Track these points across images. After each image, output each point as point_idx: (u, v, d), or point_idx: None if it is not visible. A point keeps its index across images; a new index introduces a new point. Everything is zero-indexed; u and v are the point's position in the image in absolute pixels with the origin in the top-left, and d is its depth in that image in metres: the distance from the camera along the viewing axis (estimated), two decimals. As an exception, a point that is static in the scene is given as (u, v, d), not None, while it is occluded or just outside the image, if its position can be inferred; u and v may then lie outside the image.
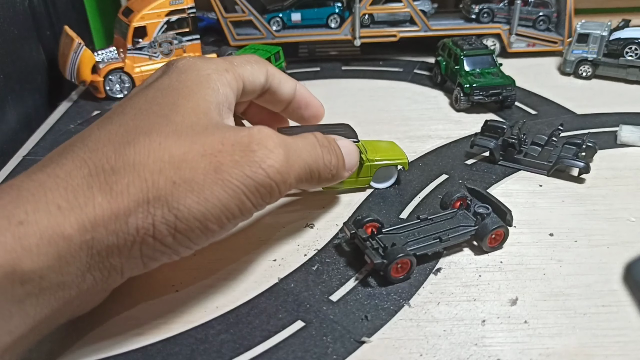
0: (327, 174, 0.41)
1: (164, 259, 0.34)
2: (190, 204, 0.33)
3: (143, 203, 0.32)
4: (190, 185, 0.33)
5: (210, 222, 0.34)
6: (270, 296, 0.39)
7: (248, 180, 0.34)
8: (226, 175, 0.34)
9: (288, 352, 0.35)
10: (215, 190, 0.33)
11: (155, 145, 0.33)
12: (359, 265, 0.42)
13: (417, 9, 0.82)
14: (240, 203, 0.35)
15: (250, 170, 0.34)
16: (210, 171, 0.33)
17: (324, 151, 0.41)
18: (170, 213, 0.32)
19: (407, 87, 0.76)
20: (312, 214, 0.48)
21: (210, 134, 0.35)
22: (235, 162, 0.34)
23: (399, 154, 0.52)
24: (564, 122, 0.58)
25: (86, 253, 0.31)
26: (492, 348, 0.34)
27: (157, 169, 0.33)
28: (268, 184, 0.35)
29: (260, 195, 0.35)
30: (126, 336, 0.36)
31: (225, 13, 0.82)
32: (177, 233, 0.33)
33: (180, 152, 0.33)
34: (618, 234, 0.44)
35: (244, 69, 0.43)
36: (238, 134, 0.35)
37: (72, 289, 0.31)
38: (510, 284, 0.39)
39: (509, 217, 0.44)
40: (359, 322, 0.36)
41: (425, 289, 0.39)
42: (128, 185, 0.32)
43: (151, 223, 0.32)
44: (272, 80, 0.46)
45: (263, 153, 0.35)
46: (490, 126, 0.57)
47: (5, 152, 0.61)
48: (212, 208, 0.33)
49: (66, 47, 0.72)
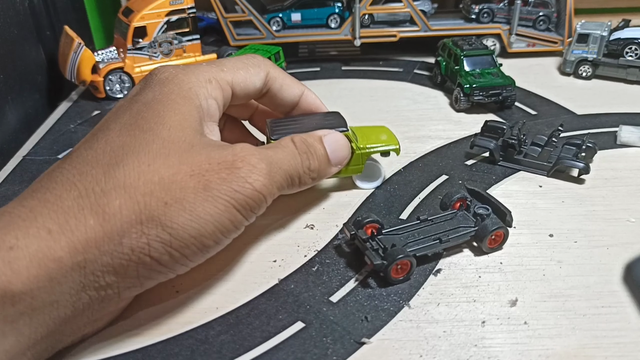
0: (307, 179, 0.43)
1: (161, 277, 0.35)
2: (184, 222, 0.34)
3: (136, 224, 0.32)
4: (182, 205, 0.34)
5: (205, 238, 0.35)
6: (271, 297, 0.39)
7: (237, 195, 0.36)
8: (215, 192, 0.35)
9: (288, 353, 0.35)
10: (207, 207, 0.34)
11: (145, 167, 0.34)
12: (359, 266, 0.42)
13: (417, 9, 0.82)
14: (232, 217, 0.36)
15: (237, 185, 0.36)
16: (200, 190, 0.35)
17: (302, 158, 0.42)
18: (165, 232, 0.33)
19: (407, 87, 0.76)
20: (312, 215, 0.48)
21: (197, 154, 0.36)
22: (223, 179, 0.35)
23: (390, 139, 0.51)
24: (564, 123, 0.58)
25: (79, 273, 0.31)
26: (492, 349, 0.34)
27: (147, 191, 0.33)
28: (256, 196, 0.37)
29: (249, 207, 0.37)
30: (126, 337, 0.36)
31: (225, 13, 0.82)
32: (174, 251, 0.34)
33: (169, 174, 0.34)
34: (618, 235, 0.44)
35: (235, 74, 0.43)
36: (222, 152, 0.37)
37: (67, 307, 0.32)
38: (510, 285, 0.39)
39: (508, 218, 0.44)
40: (359, 323, 0.37)
41: (425, 290, 0.39)
42: (120, 207, 0.32)
43: (146, 243, 0.33)
44: (272, 84, 0.46)
45: (247, 169, 0.37)
46: (490, 127, 0.57)
47: (5, 152, 0.61)
48: (206, 224, 0.34)
49: (66, 47, 0.72)
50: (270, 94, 0.47)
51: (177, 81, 0.39)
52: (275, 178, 0.39)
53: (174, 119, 0.37)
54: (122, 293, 0.34)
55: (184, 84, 0.39)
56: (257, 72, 0.44)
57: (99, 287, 0.32)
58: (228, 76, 0.42)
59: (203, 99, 0.40)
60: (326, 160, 0.44)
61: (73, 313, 0.32)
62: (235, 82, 0.43)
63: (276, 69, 0.46)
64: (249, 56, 0.46)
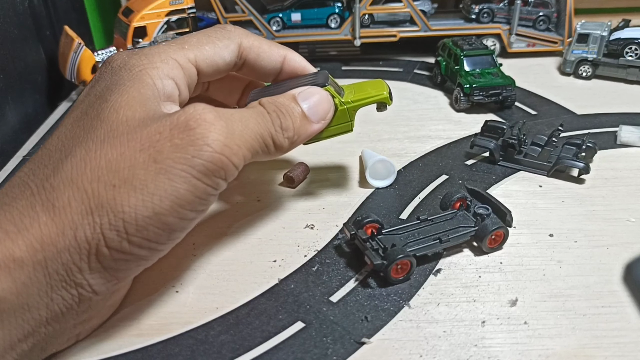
0: (282, 139, 0.39)
1: (132, 266, 0.34)
2: (135, 204, 0.31)
3: (87, 215, 0.31)
4: (131, 185, 0.31)
5: (163, 216, 0.32)
6: (271, 297, 0.39)
7: (194, 161, 0.32)
8: (169, 162, 0.32)
9: (288, 353, 0.35)
10: (160, 182, 0.32)
11: (92, 154, 0.32)
12: (359, 266, 0.42)
13: (417, 9, 0.82)
14: (192, 187, 0.33)
15: (194, 150, 0.32)
16: (150, 163, 0.32)
17: (272, 117, 0.39)
18: (117, 218, 0.31)
19: (407, 87, 0.76)
20: (312, 215, 0.48)
21: (146, 126, 0.33)
22: (176, 145, 0.32)
23: (378, 89, 0.47)
24: (564, 123, 0.58)
25: (42, 273, 0.31)
26: (492, 349, 0.34)
27: (95, 177, 0.32)
28: (218, 159, 0.33)
29: (212, 173, 0.33)
30: (126, 337, 0.36)
31: (225, 13, 0.82)
32: (131, 236, 0.32)
33: (117, 154, 0.32)
34: (618, 235, 0.44)
35: (199, 50, 0.40)
36: (173, 116, 0.34)
37: (40, 309, 0.31)
38: (510, 285, 0.39)
39: (508, 218, 0.44)
40: (359, 323, 0.37)
41: (425, 289, 0.39)
42: (69, 200, 0.31)
43: (100, 232, 0.31)
44: (247, 54, 0.43)
45: (204, 128, 0.33)
46: (490, 126, 0.57)
47: (5, 152, 0.61)
48: (161, 201, 0.32)
49: (66, 47, 0.72)
50: (248, 65, 0.44)
51: (128, 67, 0.37)
52: (243, 138, 0.35)
53: (121, 100, 0.35)
54: (99, 290, 0.33)
55: (135, 68, 0.37)
56: (227, 45, 0.42)
57: (68, 286, 0.31)
58: (190, 54, 0.40)
59: (157, 78, 0.37)
60: (303, 117, 0.41)
61: (51, 315, 0.31)
62: (199, 58, 0.40)
63: (250, 37, 0.44)
64: (218, 27, 0.43)
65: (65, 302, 0.32)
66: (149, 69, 0.37)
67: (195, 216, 0.35)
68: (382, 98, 0.47)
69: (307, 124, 0.41)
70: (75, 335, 0.35)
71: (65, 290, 0.31)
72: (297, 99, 0.41)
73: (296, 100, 0.41)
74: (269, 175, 0.54)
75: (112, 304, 0.37)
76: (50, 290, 0.31)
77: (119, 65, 0.38)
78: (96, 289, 0.32)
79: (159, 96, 0.37)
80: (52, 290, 0.31)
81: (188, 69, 0.40)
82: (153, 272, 0.41)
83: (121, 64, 0.38)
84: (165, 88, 0.37)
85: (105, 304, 0.36)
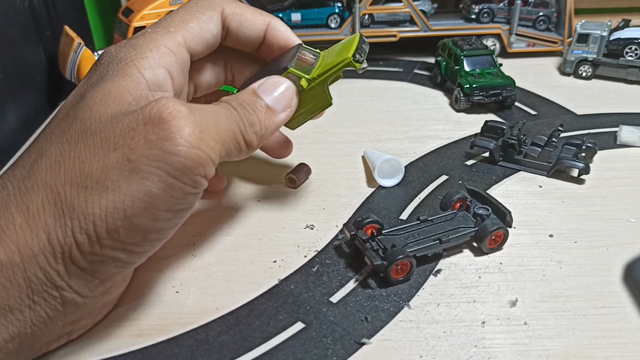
0: (251, 135, 0.37)
1: (111, 268, 0.32)
2: (106, 206, 0.30)
3: (59, 217, 0.30)
4: (103, 185, 0.30)
5: (135, 217, 0.31)
6: (271, 297, 0.39)
7: (170, 158, 0.31)
8: (143, 161, 0.30)
9: (288, 354, 0.35)
10: (133, 181, 0.30)
11: (66, 155, 0.32)
12: (359, 266, 0.42)
13: (417, 9, 0.82)
14: (168, 187, 0.31)
15: (170, 146, 0.31)
16: (123, 162, 0.31)
17: (239, 112, 0.37)
18: (87, 221, 0.30)
19: (407, 87, 0.76)
20: (312, 215, 0.48)
21: (118, 122, 0.32)
22: (150, 142, 0.31)
23: (344, 52, 0.42)
24: (564, 123, 0.58)
25: (22, 277, 0.30)
26: (491, 349, 0.34)
27: (68, 179, 0.31)
28: (195, 155, 0.31)
29: (190, 170, 0.31)
30: (126, 337, 0.36)
31: (225, 13, 0.82)
32: (102, 240, 0.31)
33: (90, 154, 0.31)
34: (618, 235, 0.44)
35: (185, 30, 0.39)
36: (145, 109, 0.32)
37: (23, 312, 0.31)
38: (510, 286, 0.39)
39: (508, 218, 0.44)
40: (359, 323, 0.37)
41: (425, 290, 0.39)
42: (43, 202, 0.31)
43: (71, 236, 0.30)
44: (229, 22, 0.41)
45: (179, 120, 0.31)
46: (490, 127, 0.57)
47: (5, 152, 0.61)
48: (132, 202, 0.30)
49: (66, 47, 0.72)
50: (231, 34, 0.42)
51: (115, 60, 0.36)
52: (217, 132, 0.33)
53: (96, 96, 0.33)
54: (82, 292, 0.32)
55: (122, 61, 0.36)
56: (210, 16, 0.40)
57: (49, 289, 0.31)
58: (178, 36, 0.38)
59: (146, 68, 0.36)
60: (267, 109, 0.39)
61: (36, 317, 0.31)
62: (188, 38, 0.39)
63: (232, 3, 0.42)
64: (193, 3, 0.41)
65: (48, 304, 0.31)
66: (137, 59, 0.36)
67: (173, 217, 0.33)
68: (346, 64, 0.41)
69: (272, 116, 0.39)
70: (66, 334, 0.35)
71: (47, 293, 0.31)
72: (257, 93, 0.39)
73: (257, 93, 0.39)
74: (269, 176, 0.54)
75: (105, 304, 0.36)
76: (31, 293, 0.31)
77: (107, 61, 0.37)
78: (78, 290, 0.32)
79: (147, 86, 0.36)
80: (33, 293, 0.31)
81: (179, 53, 0.38)
82: (153, 272, 0.42)
83: (109, 58, 0.37)
84: (156, 77, 0.36)
85: (96, 304, 0.35)
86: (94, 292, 0.33)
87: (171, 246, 0.44)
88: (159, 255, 0.43)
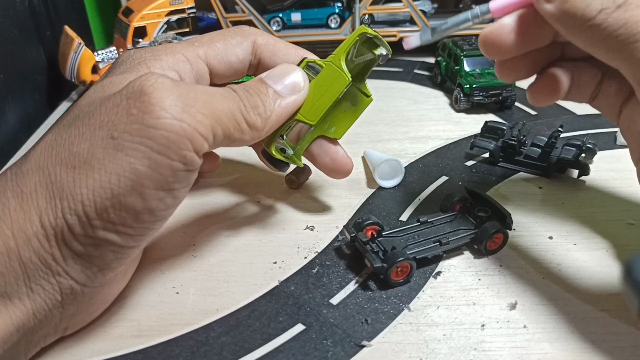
0: (254, 118, 0.36)
1: (107, 253, 0.32)
2: (93, 185, 0.30)
3: (50, 199, 0.30)
4: (90, 165, 0.30)
5: (123, 197, 0.30)
6: (271, 299, 0.39)
7: (152, 132, 0.30)
8: (126, 137, 0.30)
9: (288, 355, 0.35)
10: (117, 159, 0.30)
11: (59, 138, 0.32)
12: (359, 268, 0.42)
13: (417, 9, 0.82)
14: (154, 163, 0.30)
15: (150, 118, 0.30)
16: (107, 139, 0.30)
17: (240, 95, 0.36)
18: (76, 201, 0.30)
19: (407, 87, 0.76)
20: (312, 216, 0.48)
21: (106, 101, 0.31)
22: (132, 116, 0.30)
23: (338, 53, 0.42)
24: (564, 123, 0.58)
25: (17, 262, 0.30)
26: (491, 352, 0.34)
27: (58, 160, 0.31)
28: (179, 128, 0.30)
29: (176, 145, 0.30)
30: (126, 338, 0.36)
31: (225, 13, 0.82)
32: (92, 220, 0.30)
33: (78, 134, 0.31)
34: (617, 237, 0.44)
35: (210, 47, 0.39)
36: (129, 85, 0.31)
37: (22, 300, 0.31)
38: (510, 288, 0.39)
39: (508, 220, 0.44)
40: (359, 325, 0.37)
41: (425, 292, 0.39)
42: (35, 185, 0.31)
43: (61, 217, 0.30)
44: (262, 53, 0.41)
45: (160, 92, 0.30)
46: (490, 127, 0.57)
47: (5, 152, 0.61)
48: (119, 180, 0.30)
49: (66, 47, 0.72)
50: (263, 64, 0.42)
51: (130, 60, 0.36)
52: (208, 107, 0.32)
53: (98, 86, 0.33)
54: (79, 279, 0.32)
55: (136, 60, 0.36)
56: (239, 42, 0.41)
57: (46, 275, 0.31)
58: (200, 50, 0.39)
59: (158, 69, 0.36)
60: (274, 94, 0.38)
61: (35, 307, 0.31)
62: (210, 54, 0.39)
63: (265, 36, 0.42)
64: (233, 28, 0.42)
65: (47, 293, 0.31)
66: (150, 59, 0.37)
67: (165, 196, 0.32)
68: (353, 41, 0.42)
69: (279, 99, 0.38)
70: (62, 329, 0.34)
71: (44, 279, 0.31)
72: (263, 80, 0.38)
73: (263, 80, 0.38)
74: (269, 177, 0.54)
75: (102, 300, 0.36)
76: (28, 279, 0.30)
77: (123, 59, 0.38)
78: (74, 276, 0.31)
79: None
80: (30, 280, 0.30)
81: (196, 64, 0.39)
82: (153, 272, 0.42)
83: (126, 57, 0.37)
84: None
85: (95, 297, 0.34)
86: (94, 281, 0.33)
87: (171, 247, 0.44)
88: (159, 255, 0.43)
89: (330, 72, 0.41)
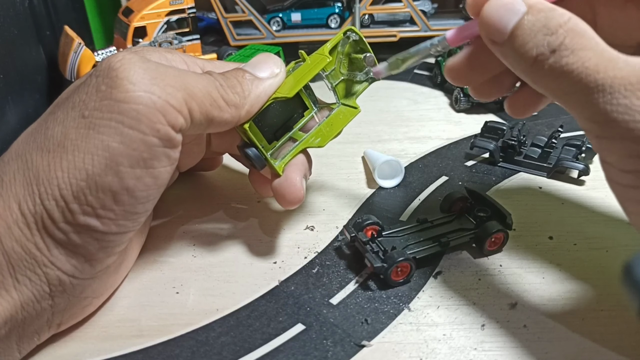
0: (232, 96, 0.35)
1: (90, 240, 0.31)
2: (67, 167, 0.29)
3: (27, 185, 0.30)
4: (63, 146, 0.30)
5: (99, 177, 0.30)
6: (271, 299, 0.39)
7: (122, 106, 0.29)
8: (96, 114, 0.29)
9: (288, 355, 0.35)
10: (90, 138, 0.29)
11: (38, 127, 0.32)
12: (359, 268, 0.42)
13: (417, 9, 0.82)
14: (127, 139, 0.30)
15: (118, 93, 0.29)
16: (79, 119, 0.30)
17: (215, 76, 0.35)
18: (52, 185, 0.29)
19: (407, 87, 0.76)
20: (312, 216, 0.48)
21: (80, 84, 0.31)
22: (101, 93, 0.30)
23: None
24: (564, 123, 0.58)
25: (0, 252, 0.30)
26: (491, 352, 0.34)
27: (35, 146, 0.31)
28: (148, 100, 0.30)
29: (147, 118, 0.30)
30: (126, 338, 0.36)
31: (225, 13, 0.82)
32: (70, 204, 0.30)
33: (54, 119, 0.31)
34: (617, 237, 0.44)
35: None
36: (99, 64, 0.31)
37: (9, 291, 0.30)
38: (510, 288, 0.39)
39: (508, 220, 0.44)
40: (359, 325, 0.37)
41: (425, 292, 0.39)
42: (14, 172, 0.31)
43: (40, 204, 0.30)
44: None
45: (128, 66, 0.30)
46: (490, 127, 0.57)
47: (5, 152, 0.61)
48: (92, 159, 0.29)
49: (66, 47, 0.71)
50: None
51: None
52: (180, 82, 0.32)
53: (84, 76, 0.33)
54: (65, 269, 0.31)
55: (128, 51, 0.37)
56: None
57: (31, 265, 0.30)
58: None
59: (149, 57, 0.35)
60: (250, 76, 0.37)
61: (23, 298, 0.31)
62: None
63: None
64: None
65: (34, 284, 0.31)
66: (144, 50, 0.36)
67: (143, 175, 0.31)
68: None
69: (255, 80, 0.37)
70: (56, 324, 0.34)
71: (30, 270, 0.30)
72: (241, 67, 0.39)
73: (240, 67, 0.38)
74: (269, 177, 0.54)
75: (93, 294, 0.35)
76: (13, 270, 0.30)
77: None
78: (61, 266, 0.31)
79: None
80: (15, 270, 0.30)
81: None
82: (153, 272, 0.42)
83: None
84: None
85: (85, 292, 0.34)
86: (82, 272, 0.32)
87: (171, 247, 0.44)
88: (159, 255, 0.43)
89: (313, 58, 0.43)
